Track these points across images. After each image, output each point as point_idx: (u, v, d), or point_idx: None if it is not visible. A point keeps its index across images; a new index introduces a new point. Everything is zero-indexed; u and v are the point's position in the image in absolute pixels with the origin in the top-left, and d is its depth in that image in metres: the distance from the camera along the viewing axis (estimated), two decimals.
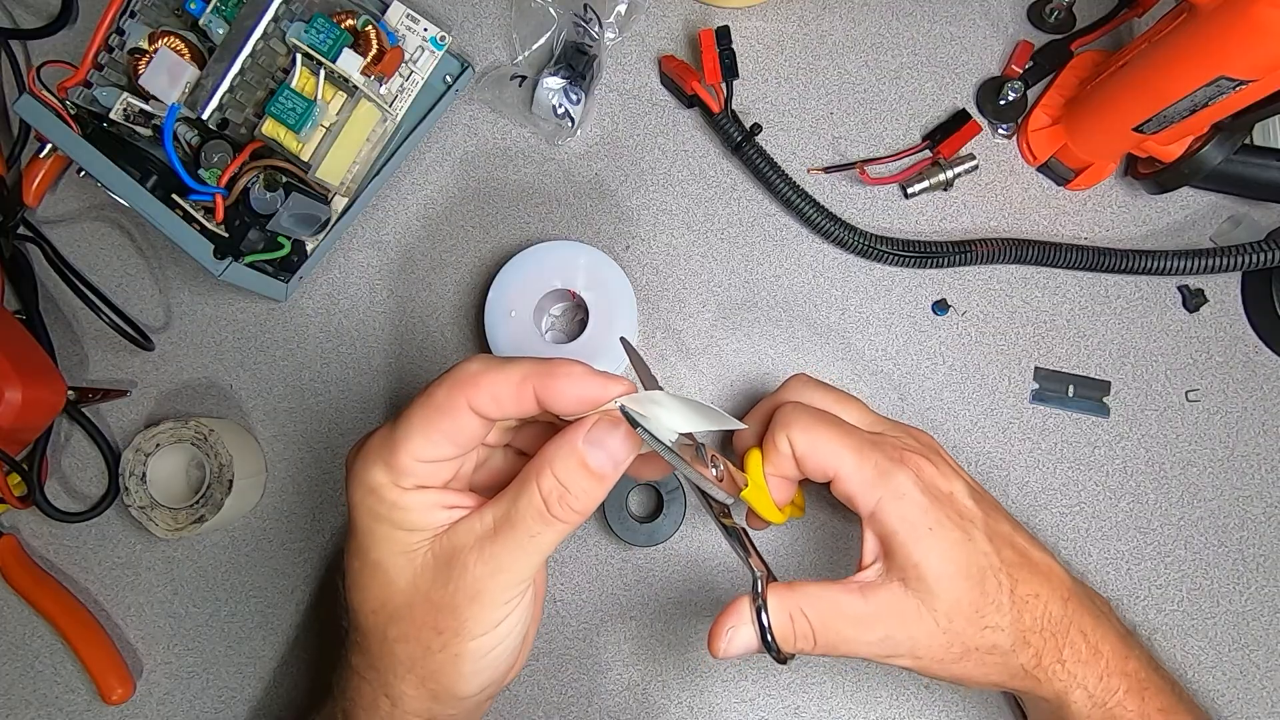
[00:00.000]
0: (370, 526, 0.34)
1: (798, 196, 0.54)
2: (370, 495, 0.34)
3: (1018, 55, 0.56)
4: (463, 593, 0.34)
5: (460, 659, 0.35)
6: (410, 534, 0.34)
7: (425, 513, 0.34)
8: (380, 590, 0.35)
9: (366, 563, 0.35)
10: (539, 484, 0.33)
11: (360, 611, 0.36)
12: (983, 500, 0.42)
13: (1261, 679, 0.53)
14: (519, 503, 0.33)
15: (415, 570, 0.34)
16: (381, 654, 0.36)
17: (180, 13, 0.47)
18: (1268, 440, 0.54)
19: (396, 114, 0.53)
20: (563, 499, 0.33)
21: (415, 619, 0.34)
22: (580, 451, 0.33)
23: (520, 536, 0.33)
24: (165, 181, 0.48)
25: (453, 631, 0.34)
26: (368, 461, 0.34)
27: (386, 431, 0.34)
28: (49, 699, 0.53)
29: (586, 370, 0.33)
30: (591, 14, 0.55)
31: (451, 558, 0.34)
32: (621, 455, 0.33)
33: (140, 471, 0.50)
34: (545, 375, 0.33)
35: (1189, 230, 0.56)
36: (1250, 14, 0.40)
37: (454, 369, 0.34)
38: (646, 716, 0.52)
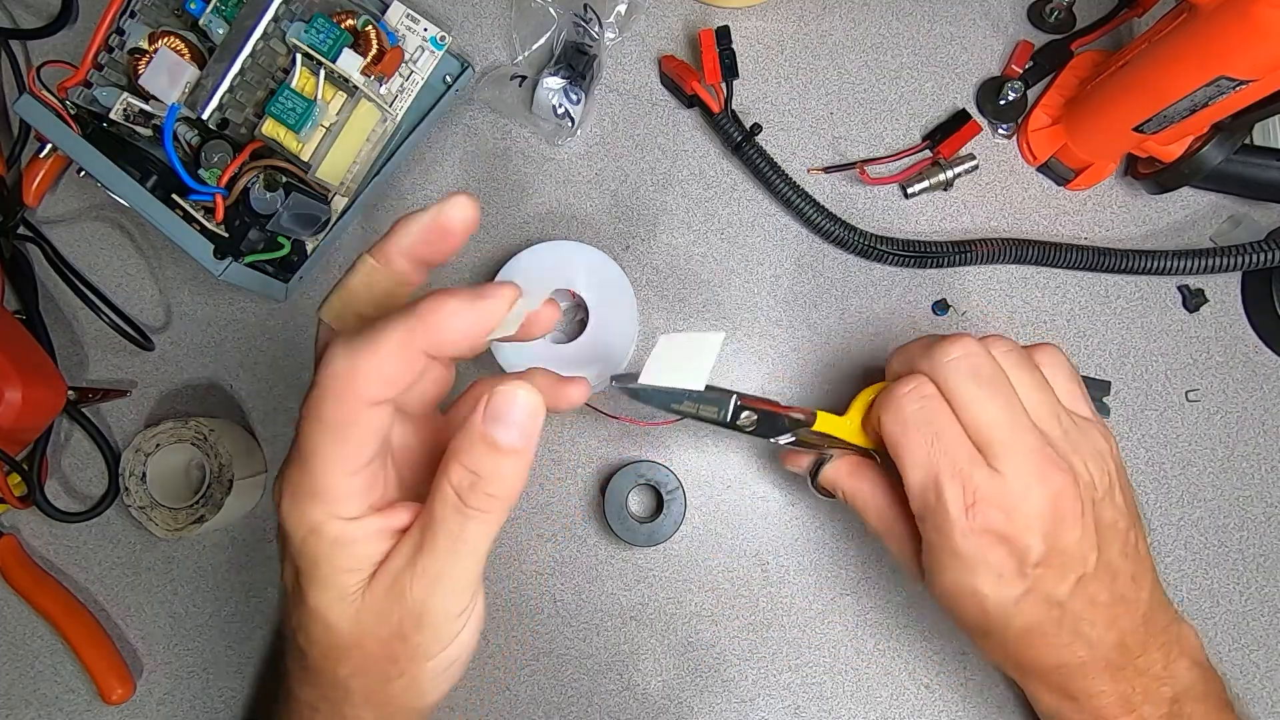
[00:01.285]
0: (311, 573, 0.32)
1: (798, 196, 0.54)
2: (312, 538, 0.31)
3: (1018, 55, 0.56)
4: (408, 620, 0.31)
5: (418, 680, 0.33)
6: (350, 574, 0.31)
7: (369, 544, 0.32)
8: (324, 635, 0.32)
9: (308, 610, 0.32)
10: (449, 479, 0.30)
11: (308, 654, 0.34)
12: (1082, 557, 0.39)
13: (1261, 679, 0.53)
14: (434, 506, 0.31)
15: (356, 612, 0.32)
16: (335, 688, 0.34)
17: (180, 13, 0.48)
18: (1268, 440, 0.54)
19: (396, 114, 0.53)
20: (475, 487, 0.30)
21: (366, 655, 0.33)
22: (482, 432, 0.30)
23: (445, 541, 0.31)
24: (165, 181, 0.48)
25: (408, 659, 0.33)
26: (299, 500, 0.31)
27: (299, 467, 0.31)
28: (49, 699, 0.53)
29: (463, 297, 0.30)
30: (591, 14, 0.55)
31: (390, 586, 0.31)
32: (528, 424, 0.30)
33: (140, 471, 0.50)
34: (423, 329, 0.29)
35: (1189, 230, 0.56)
36: (1250, 14, 0.40)
37: (322, 375, 0.30)
38: (646, 716, 0.52)
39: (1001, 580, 0.38)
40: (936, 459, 0.38)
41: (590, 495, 0.54)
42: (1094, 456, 0.40)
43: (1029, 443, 0.38)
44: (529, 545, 0.53)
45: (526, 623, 0.53)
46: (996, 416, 0.38)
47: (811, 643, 0.53)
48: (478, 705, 0.52)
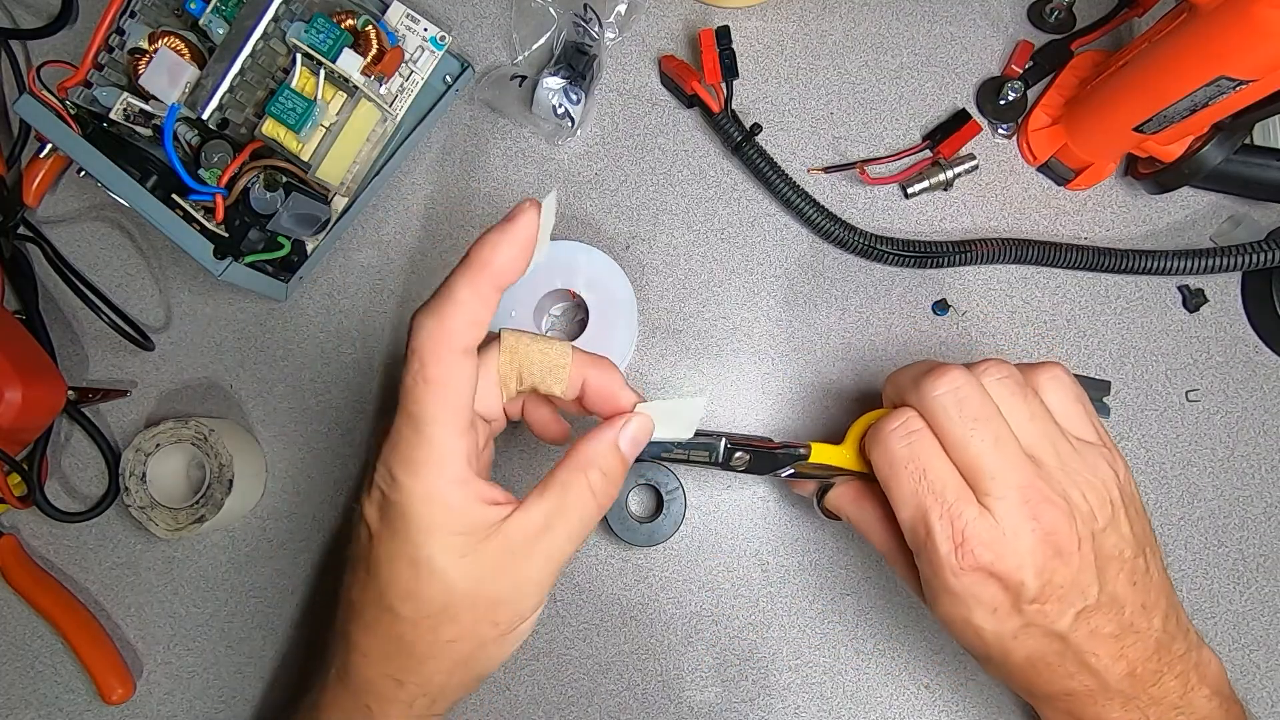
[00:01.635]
0: (426, 538, 0.35)
1: (798, 196, 0.54)
2: (427, 502, 0.34)
3: (1018, 55, 0.56)
4: (522, 586, 0.36)
5: (507, 645, 0.37)
6: (467, 537, 0.35)
7: (477, 512, 0.35)
8: (441, 596, 0.35)
9: (424, 571, 0.35)
10: (589, 477, 0.36)
11: (412, 620, 0.36)
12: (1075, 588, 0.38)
13: (1261, 679, 0.53)
14: (570, 496, 0.36)
15: (477, 571, 0.35)
16: (432, 656, 0.36)
17: (180, 13, 0.48)
18: (1268, 440, 0.54)
19: (396, 114, 0.53)
20: (605, 487, 0.37)
21: (474, 617, 0.36)
22: (619, 445, 0.37)
23: (574, 525, 0.36)
24: (165, 181, 0.48)
25: (509, 621, 0.36)
26: (415, 467, 0.34)
27: (414, 435, 0.34)
28: (49, 699, 0.53)
29: (496, 233, 0.35)
30: (591, 14, 0.55)
31: (510, 555, 0.35)
32: (643, 443, 0.38)
33: (140, 471, 0.50)
34: (485, 267, 0.34)
35: (1189, 230, 0.56)
36: (1250, 14, 0.40)
37: (417, 342, 0.34)
38: (646, 716, 0.52)
39: (996, 615, 0.38)
40: (924, 496, 0.38)
41: None
42: (1093, 486, 0.38)
43: (1020, 477, 0.37)
44: None
45: None
46: (985, 451, 0.37)
47: (811, 643, 0.53)
48: (478, 705, 0.52)
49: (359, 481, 0.54)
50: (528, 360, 0.38)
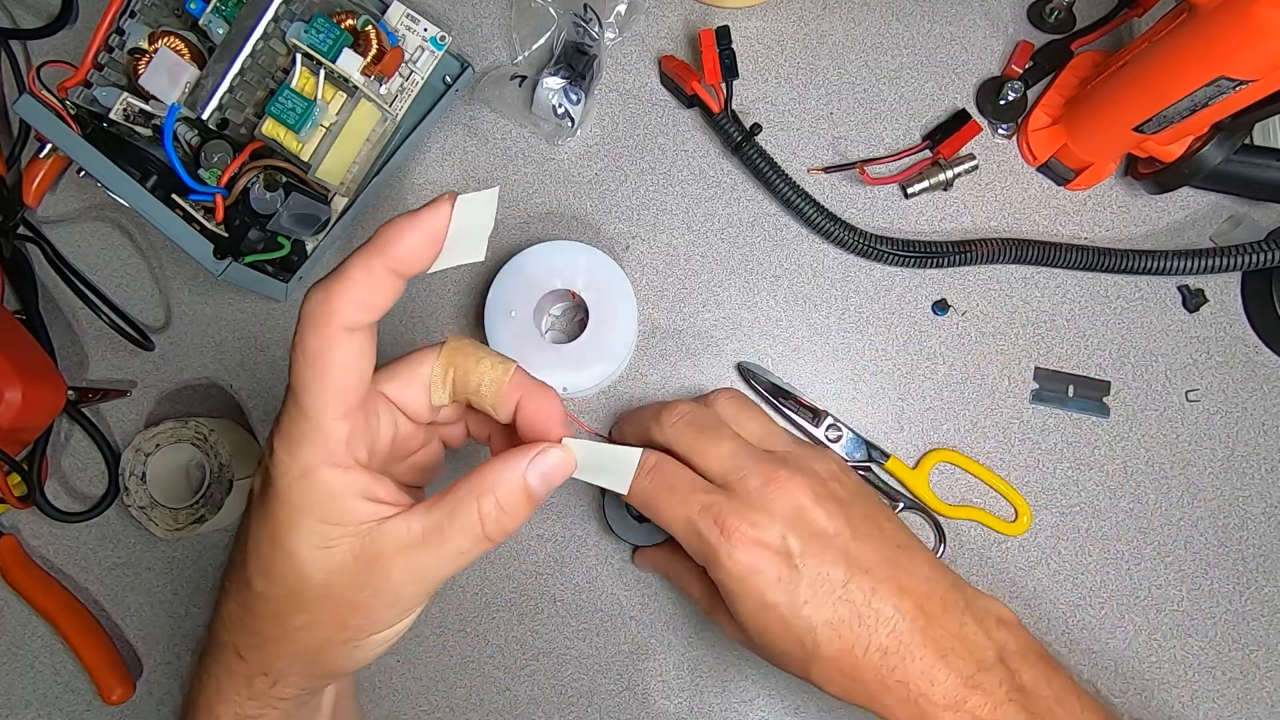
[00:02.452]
0: (296, 517, 0.33)
1: (798, 196, 0.54)
2: (303, 481, 0.33)
3: (1018, 55, 0.56)
4: (380, 596, 0.33)
5: (359, 649, 0.35)
6: (333, 528, 0.33)
7: (355, 503, 0.33)
8: (292, 581, 0.33)
9: (282, 552, 0.33)
10: (480, 505, 0.33)
11: (263, 596, 0.34)
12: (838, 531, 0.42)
13: (1261, 679, 0.53)
14: (455, 520, 0.33)
15: (332, 567, 0.33)
16: (275, 638, 0.35)
17: (180, 13, 0.48)
18: (1268, 440, 0.54)
19: (396, 114, 0.53)
20: (499, 521, 0.33)
21: (324, 612, 0.34)
22: (525, 480, 0.34)
23: (450, 552, 0.33)
24: (165, 181, 0.48)
25: (358, 628, 0.34)
26: (294, 443, 0.33)
27: (295, 410, 0.33)
28: (49, 699, 0.53)
29: (407, 216, 0.33)
30: (591, 14, 0.55)
31: (374, 560, 0.33)
32: (556, 481, 0.35)
33: (140, 471, 0.50)
34: (385, 250, 0.33)
35: (1189, 230, 0.56)
36: (1250, 14, 0.40)
37: (303, 314, 0.33)
38: (646, 716, 0.52)
39: (781, 582, 0.40)
40: (681, 508, 0.42)
41: (590, 495, 0.54)
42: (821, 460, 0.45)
43: (758, 461, 0.43)
44: (529, 545, 0.53)
45: (526, 623, 0.53)
46: (725, 451, 0.43)
47: None
48: (478, 705, 0.52)
49: None
50: (462, 369, 0.36)
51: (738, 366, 0.54)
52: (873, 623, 0.40)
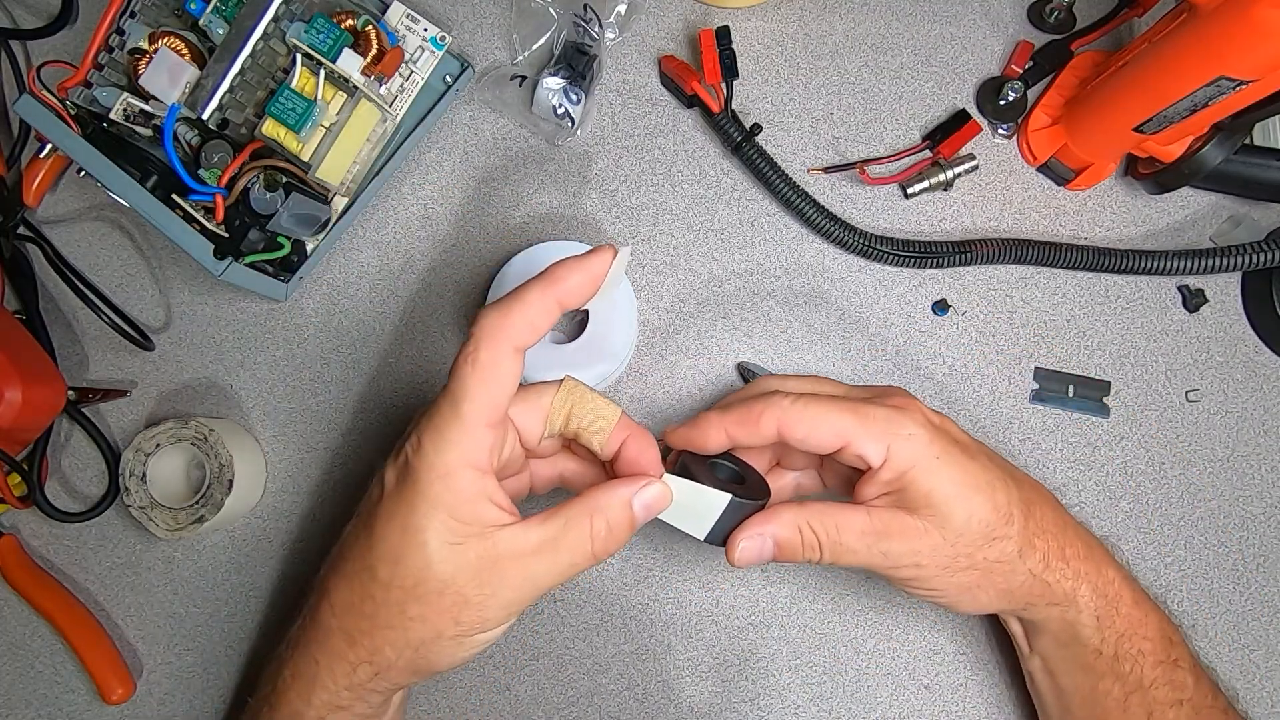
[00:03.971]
0: (428, 510, 0.36)
1: (798, 196, 0.54)
2: (445, 480, 0.36)
3: (1018, 55, 0.56)
4: (494, 596, 0.36)
5: (464, 647, 0.38)
6: (463, 525, 0.36)
7: (487, 507, 0.36)
8: (418, 569, 0.36)
9: (414, 541, 0.36)
10: (593, 523, 0.37)
11: (385, 583, 0.37)
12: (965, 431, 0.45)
13: (1261, 679, 0.53)
14: (570, 534, 0.37)
15: (458, 562, 0.36)
16: (391, 626, 0.37)
17: (180, 13, 0.48)
18: (1268, 440, 0.54)
19: (396, 114, 0.53)
20: (606, 540, 0.38)
21: (441, 605, 0.36)
22: (632, 505, 0.38)
23: (562, 563, 0.37)
24: (165, 181, 0.48)
25: (470, 625, 0.37)
26: (440, 445, 0.36)
27: (450, 411, 0.36)
28: (49, 699, 0.53)
29: (577, 259, 0.37)
30: (591, 14, 0.55)
31: (494, 562, 0.36)
32: (656, 510, 0.39)
33: (140, 471, 0.50)
34: (557, 283, 0.37)
35: (1189, 230, 0.56)
36: (1250, 14, 0.40)
37: (478, 327, 0.36)
38: (646, 716, 0.52)
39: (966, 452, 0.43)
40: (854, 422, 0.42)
41: None
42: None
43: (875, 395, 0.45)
44: None
45: (526, 623, 0.53)
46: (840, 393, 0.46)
47: (811, 643, 0.53)
48: (478, 705, 0.52)
49: (362, 476, 0.54)
50: (580, 406, 0.40)
51: (738, 366, 0.54)
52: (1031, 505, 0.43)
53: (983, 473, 0.42)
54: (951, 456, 0.41)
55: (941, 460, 0.41)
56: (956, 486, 0.41)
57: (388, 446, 0.54)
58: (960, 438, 0.43)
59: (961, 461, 0.42)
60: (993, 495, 0.42)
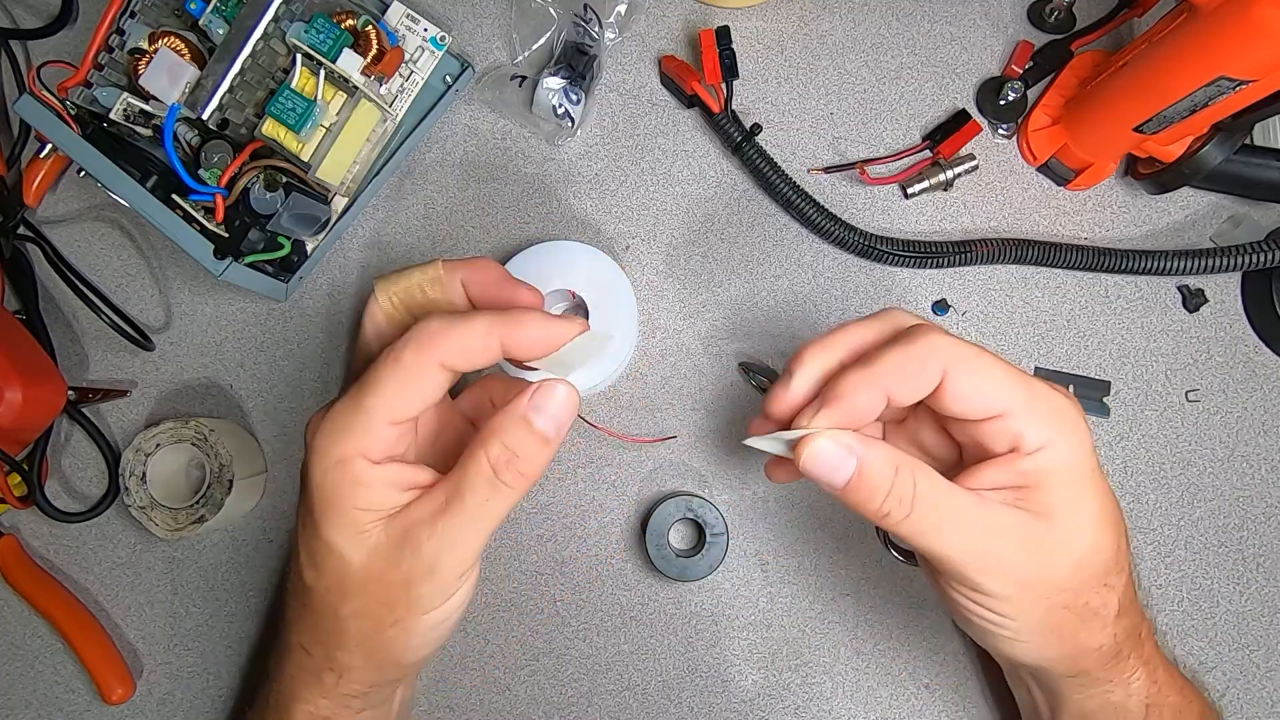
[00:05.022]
0: (328, 505, 0.34)
1: (798, 196, 0.54)
2: (336, 469, 0.34)
3: (1018, 55, 0.56)
4: (417, 570, 0.34)
5: (411, 632, 0.36)
6: (365, 513, 0.34)
7: (386, 491, 0.34)
8: (334, 569, 0.35)
9: (322, 542, 0.35)
10: (487, 452, 0.34)
11: (313, 590, 0.36)
12: None
13: (1261, 679, 0.53)
14: (468, 473, 0.34)
15: (369, 549, 0.34)
16: (332, 630, 0.36)
17: (180, 13, 0.47)
18: (1268, 440, 0.54)
19: (396, 114, 0.53)
20: (510, 464, 0.34)
21: (369, 596, 0.35)
22: (527, 418, 0.34)
23: (471, 507, 0.34)
24: (165, 181, 0.48)
25: (405, 607, 0.35)
26: (336, 433, 0.34)
27: (352, 402, 0.34)
28: (49, 699, 0.53)
29: (543, 316, 0.35)
30: (591, 14, 0.55)
31: (405, 535, 0.34)
32: (564, 418, 0.35)
33: (140, 471, 0.50)
34: (509, 325, 0.34)
35: (1189, 230, 0.56)
36: (1250, 14, 0.40)
37: (416, 329, 0.34)
38: (646, 716, 0.52)
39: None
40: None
41: (597, 501, 0.54)
42: None
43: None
44: (529, 546, 0.53)
45: (526, 623, 0.53)
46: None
47: (811, 643, 0.53)
48: (478, 705, 0.52)
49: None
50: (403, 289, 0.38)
51: (739, 365, 0.54)
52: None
53: (1115, 507, 0.36)
54: (1100, 477, 0.36)
55: (1096, 476, 0.35)
56: (1095, 513, 0.35)
57: None
58: (1100, 467, 0.37)
59: (1105, 486, 0.36)
60: (1119, 537, 0.36)
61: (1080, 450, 0.35)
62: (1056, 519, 0.35)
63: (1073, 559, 0.35)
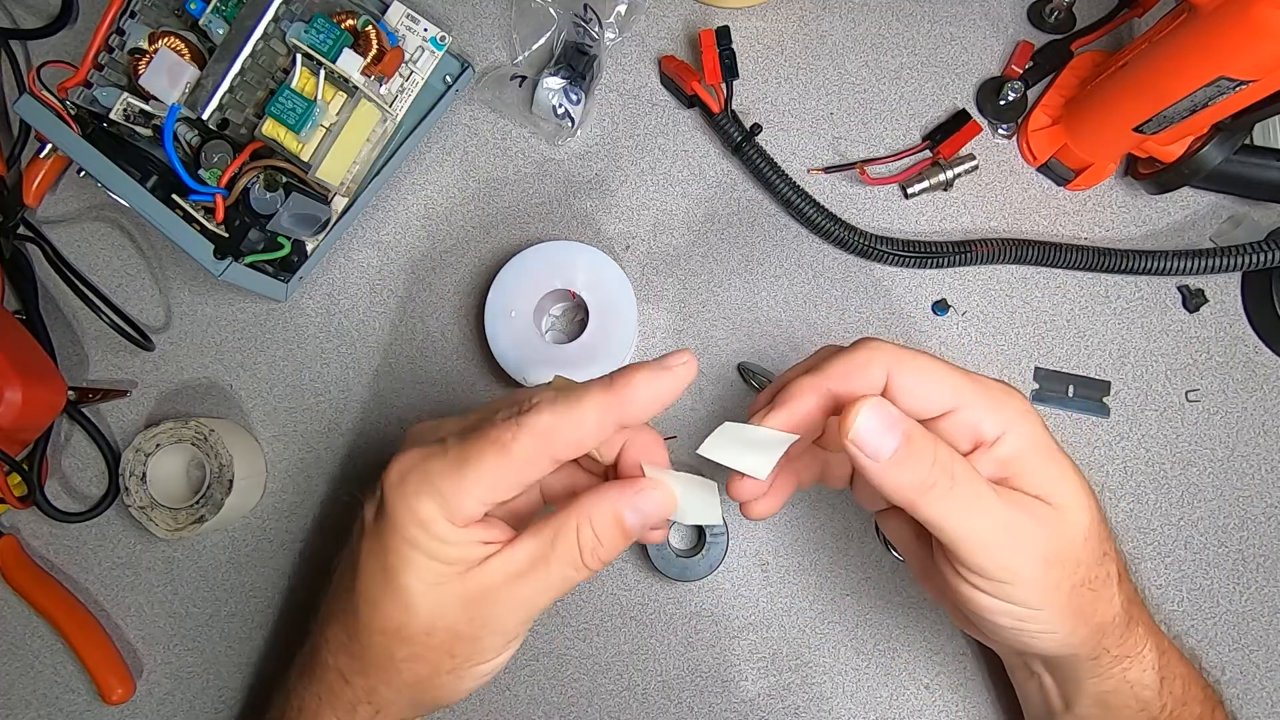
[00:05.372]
0: (406, 553, 0.34)
1: (798, 196, 0.54)
2: (416, 525, 0.34)
3: (1018, 55, 0.56)
4: (487, 626, 0.35)
5: (465, 679, 0.36)
6: (445, 567, 0.34)
7: (466, 549, 0.34)
8: (399, 614, 0.35)
9: (392, 585, 0.34)
10: (579, 535, 0.34)
11: (369, 628, 0.36)
12: None
13: (1261, 679, 0.53)
14: (556, 549, 0.34)
15: (442, 602, 0.34)
16: (382, 668, 0.36)
17: (180, 13, 0.47)
18: (1268, 440, 0.54)
19: (396, 114, 0.53)
20: (595, 551, 0.35)
21: (431, 645, 0.35)
22: (623, 516, 0.35)
23: (553, 580, 0.35)
24: (165, 181, 0.48)
25: (465, 658, 0.35)
26: (423, 491, 0.34)
27: (452, 469, 0.33)
28: (49, 699, 0.53)
29: (647, 373, 0.34)
30: (591, 14, 0.55)
31: (482, 593, 0.34)
32: (655, 520, 0.36)
33: (140, 471, 0.50)
34: (619, 404, 0.33)
35: (1189, 230, 0.56)
36: (1250, 14, 0.40)
37: (530, 420, 0.33)
38: (646, 716, 0.52)
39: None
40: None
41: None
42: None
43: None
44: None
45: None
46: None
47: (811, 643, 0.53)
48: (478, 705, 0.52)
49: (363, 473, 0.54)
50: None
51: (738, 366, 0.54)
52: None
53: (1083, 476, 0.36)
54: (1063, 451, 0.36)
55: (1059, 451, 0.36)
56: (1076, 485, 0.35)
57: (387, 447, 0.54)
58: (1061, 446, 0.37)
59: (1069, 459, 0.36)
60: (1097, 503, 0.36)
61: (1038, 429, 0.36)
62: (1053, 498, 0.35)
63: (1080, 533, 0.35)
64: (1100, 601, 0.37)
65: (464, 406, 0.55)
